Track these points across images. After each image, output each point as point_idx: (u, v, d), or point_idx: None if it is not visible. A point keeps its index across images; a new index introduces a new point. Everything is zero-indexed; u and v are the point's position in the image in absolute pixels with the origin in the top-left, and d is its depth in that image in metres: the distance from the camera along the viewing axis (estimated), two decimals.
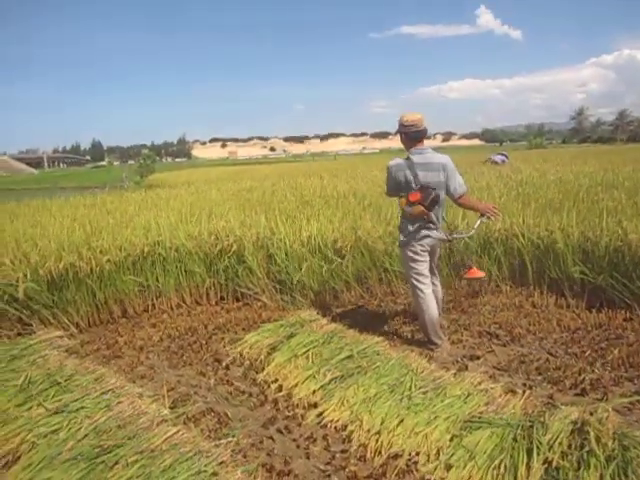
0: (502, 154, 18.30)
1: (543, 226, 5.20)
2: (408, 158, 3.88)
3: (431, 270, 4.12)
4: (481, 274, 4.27)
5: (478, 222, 4.08)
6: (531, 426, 2.54)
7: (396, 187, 3.93)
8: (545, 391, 3.24)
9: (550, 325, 4.30)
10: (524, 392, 3.07)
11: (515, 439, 2.49)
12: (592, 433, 2.35)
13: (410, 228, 3.91)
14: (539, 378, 3.42)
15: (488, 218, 3.98)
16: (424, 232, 3.88)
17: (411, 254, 3.93)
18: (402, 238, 3.99)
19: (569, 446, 2.36)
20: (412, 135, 3.91)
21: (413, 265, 3.95)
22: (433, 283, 4.14)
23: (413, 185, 3.80)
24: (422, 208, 3.72)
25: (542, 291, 4.97)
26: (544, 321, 4.39)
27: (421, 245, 3.90)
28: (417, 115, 3.89)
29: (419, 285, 3.95)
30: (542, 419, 2.57)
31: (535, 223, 5.31)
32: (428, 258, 3.99)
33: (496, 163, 16.97)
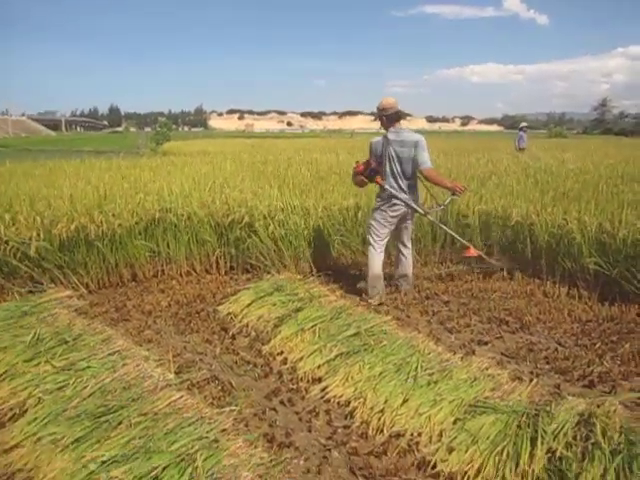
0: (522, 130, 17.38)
1: (560, 215, 5.12)
2: (385, 136, 4.50)
3: (402, 241, 4.77)
4: (475, 253, 4.94)
5: (449, 199, 4.79)
6: (536, 414, 2.51)
7: (374, 159, 4.56)
8: (552, 381, 3.20)
9: (561, 315, 4.25)
10: (531, 380, 3.05)
11: (519, 426, 2.46)
12: (598, 425, 2.32)
13: (384, 196, 4.53)
14: (547, 367, 3.39)
15: (456, 194, 4.59)
16: (394, 201, 4.49)
17: (378, 216, 4.58)
18: (375, 203, 4.66)
19: (574, 437, 2.33)
20: (390, 116, 4.49)
21: (375, 225, 4.59)
22: (403, 254, 4.78)
23: (396, 156, 4.44)
24: (362, 177, 4.51)
25: (555, 280, 4.92)
26: (555, 311, 4.34)
27: (392, 211, 4.51)
28: (391, 99, 4.53)
29: (373, 243, 4.61)
30: (548, 408, 2.54)
31: (552, 212, 5.23)
32: (393, 226, 4.61)
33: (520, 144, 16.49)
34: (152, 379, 2.92)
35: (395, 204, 4.50)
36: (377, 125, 4.66)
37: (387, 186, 4.47)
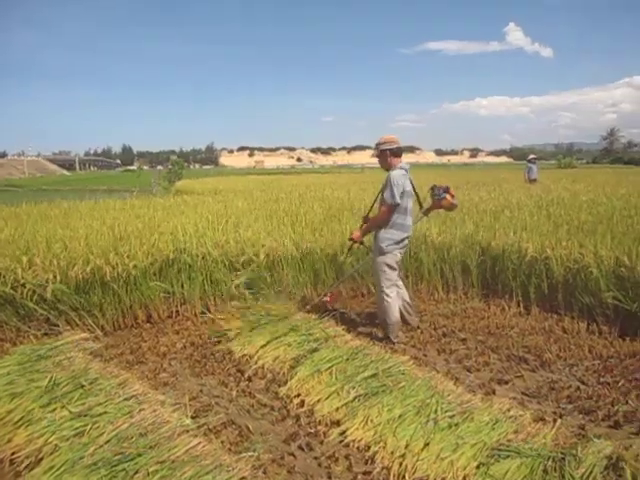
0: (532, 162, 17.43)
1: (576, 249, 5.08)
2: (404, 170, 4.45)
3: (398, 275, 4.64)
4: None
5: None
6: (563, 458, 2.45)
7: (400, 195, 4.37)
8: (576, 421, 3.13)
9: (581, 352, 4.18)
10: (555, 421, 2.99)
11: (546, 471, 2.41)
12: (628, 470, 2.26)
13: (395, 237, 4.38)
14: (570, 407, 3.32)
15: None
16: (405, 242, 4.48)
17: (391, 262, 4.41)
18: (385, 246, 4.39)
19: None
20: (395, 151, 4.47)
21: (388, 272, 4.43)
22: (399, 287, 4.67)
23: (412, 192, 4.50)
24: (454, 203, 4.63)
25: (573, 316, 4.85)
26: (575, 347, 4.27)
27: (400, 254, 4.47)
28: (394, 135, 4.54)
29: (386, 290, 4.43)
30: (574, 451, 2.48)
31: (567, 245, 5.19)
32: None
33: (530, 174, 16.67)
34: (169, 425, 2.89)
35: (405, 246, 4.54)
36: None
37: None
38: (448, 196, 4.61)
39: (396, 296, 4.52)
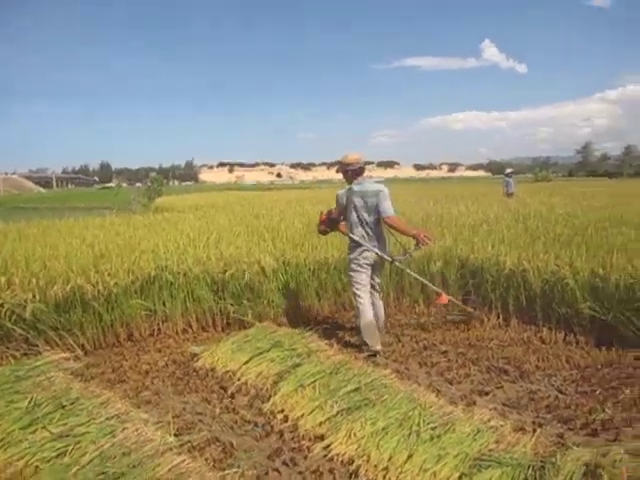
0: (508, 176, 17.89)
1: (552, 261, 5.18)
2: (350, 188, 4.70)
3: (372, 287, 4.79)
4: (447, 300, 4.96)
5: (413, 249, 4.78)
6: (542, 467, 2.50)
7: (339, 210, 4.84)
8: (555, 430, 3.19)
9: (559, 362, 4.26)
10: (534, 430, 3.04)
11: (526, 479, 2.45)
12: (606, 476, 2.31)
13: (353, 245, 4.69)
14: (549, 416, 3.38)
15: (419, 245, 4.57)
16: (363, 248, 4.64)
17: (353, 266, 4.68)
18: (348, 252, 4.77)
19: None
20: (356, 170, 4.72)
21: (354, 275, 4.69)
22: (373, 300, 4.77)
23: (355, 206, 4.64)
24: (324, 226, 4.98)
25: (551, 327, 4.93)
26: (553, 358, 4.35)
27: (364, 258, 4.64)
28: (356, 155, 4.78)
29: (357, 292, 4.66)
30: (553, 460, 2.53)
31: (544, 258, 5.29)
32: (369, 271, 4.69)
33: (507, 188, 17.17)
34: (152, 443, 2.88)
35: (365, 251, 4.62)
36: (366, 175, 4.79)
37: (352, 234, 4.67)
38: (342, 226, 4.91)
39: (367, 299, 4.64)
